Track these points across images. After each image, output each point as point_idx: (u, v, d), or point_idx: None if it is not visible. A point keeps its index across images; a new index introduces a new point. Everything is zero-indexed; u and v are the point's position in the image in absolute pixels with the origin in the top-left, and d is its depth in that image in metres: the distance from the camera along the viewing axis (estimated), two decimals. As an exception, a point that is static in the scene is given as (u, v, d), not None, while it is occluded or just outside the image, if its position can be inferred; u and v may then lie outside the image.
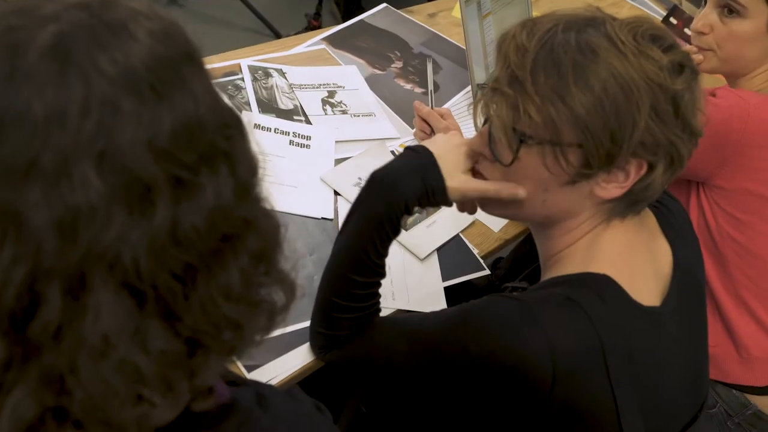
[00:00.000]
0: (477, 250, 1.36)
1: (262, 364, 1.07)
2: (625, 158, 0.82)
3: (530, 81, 0.82)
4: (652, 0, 2.49)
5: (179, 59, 0.47)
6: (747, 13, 1.36)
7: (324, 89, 1.62)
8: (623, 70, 0.80)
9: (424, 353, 0.95)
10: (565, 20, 0.85)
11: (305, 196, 1.35)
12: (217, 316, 0.48)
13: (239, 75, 1.58)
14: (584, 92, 0.80)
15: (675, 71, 0.82)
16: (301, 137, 1.46)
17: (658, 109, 0.80)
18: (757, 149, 1.30)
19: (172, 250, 0.44)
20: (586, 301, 0.84)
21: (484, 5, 1.71)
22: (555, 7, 2.37)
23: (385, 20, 1.97)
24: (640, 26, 0.84)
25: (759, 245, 1.37)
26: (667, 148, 0.83)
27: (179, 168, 0.44)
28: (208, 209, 0.46)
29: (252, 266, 0.50)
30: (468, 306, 0.91)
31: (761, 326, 1.40)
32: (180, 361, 0.47)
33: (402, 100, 1.68)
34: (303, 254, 1.25)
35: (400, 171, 0.97)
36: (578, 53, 0.81)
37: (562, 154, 0.83)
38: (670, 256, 0.96)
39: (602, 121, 0.80)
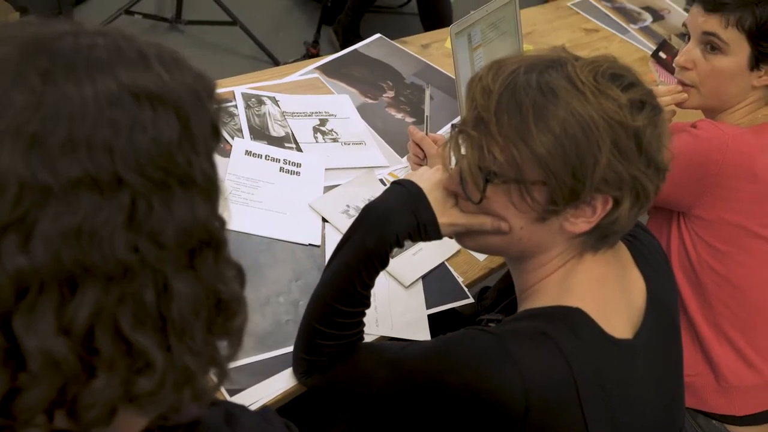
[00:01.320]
0: (462, 279, 1.38)
1: (244, 388, 1.08)
2: (590, 194, 0.84)
3: (494, 122, 0.84)
4: (642, 34, 2.54)
5: (133, 93, 0.49)
6: (729, 50, 1.38)
7: (316, 117, 1.65)
8: (582, 109, 0.82)
9: (402, 382, 0.96)
10: (528, 62, 0.87)
11: (293, 222, 1.37)
12: (44, 339, 0.46)
13: (233, 102, 1.61)
14: (544, 133, 0.82)
15: (635, 108, 0.84)
16: (291, 164, 1.49)
17: (620, 146, 0.82)
18: (735, 180, 1.32)
19: (12, 250, 0.45)
20: (560, 335, 0.86)
21: (475, 37, 1.74)
22: (545, 39, 2.43)
23: (378, 50, 2.00)
24: (601, 66, 0.86)
25: (738, 276, 1.39)
26: (631, 183, 0.85)
27: (51, 175, 0.45)
28: (68, 226, 0.46)
29: (133, 318, 0.48)
30: (445, 338, 0.93)
31: (740, 356, 1.41)
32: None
33: (393, 130, 1.71)
34: (289, 280, 1.27)
35: (392, 205, 0.99)
36: (539, 94, 0.83)
37: (527, 192, 0.86)
38: (643, 289, 0.98)
39: (563, 160, 0.82)
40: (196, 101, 0.53)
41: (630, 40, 2.48)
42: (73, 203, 0.46)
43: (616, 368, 0.89)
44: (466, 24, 1.70)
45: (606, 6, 2.67)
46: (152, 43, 0.54)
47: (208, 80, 0.56)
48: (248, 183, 1.41)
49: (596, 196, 0.85)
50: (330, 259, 1.04)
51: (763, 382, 1.42)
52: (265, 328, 1.17)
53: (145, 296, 0.48)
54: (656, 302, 0.98)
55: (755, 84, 1.40)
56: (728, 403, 1.42)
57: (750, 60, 1.38)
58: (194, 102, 0.52)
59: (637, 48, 2.45)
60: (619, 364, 0.90)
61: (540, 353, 0.85)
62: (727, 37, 1.38)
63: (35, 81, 0.46)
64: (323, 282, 1.04)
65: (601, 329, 0.89)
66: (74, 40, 0.50)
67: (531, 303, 0.95)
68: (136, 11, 3.31)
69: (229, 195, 1.36)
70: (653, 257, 1.03)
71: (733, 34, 1.37)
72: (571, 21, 2.52)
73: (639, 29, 2.57)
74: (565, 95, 0.83)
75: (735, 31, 1.36)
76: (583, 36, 2.44)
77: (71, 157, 0.46)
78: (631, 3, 2.76)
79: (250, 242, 1.31)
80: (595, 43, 2.41)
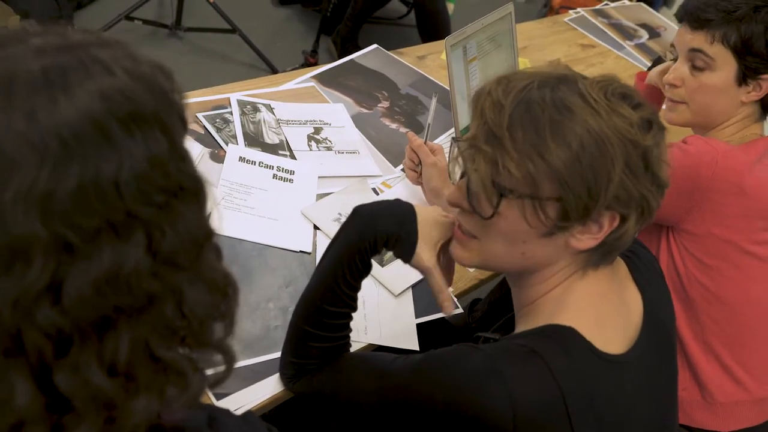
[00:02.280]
0: (452, 289, 1.38)
1: (231, 393, 1.09)
2: (600, 211, 0.85)
3: (508, 137, 0.84)
4: (638, 51, 2.56)
5: (119, 120, 0.46)
6: (715, 65, 1.40)
7: (310, 125, 1.66)
8: (597, 126, 0.83)
9: (389, 393, 0.96)
10: (540, 78, 0.87)
11: (285, 229, 1.38)
12: (90, 385, 0.46)
13: (228, 108, 1.62)
14: (562, 148, 0.82)
15: (644, 128, 0.85)
16: (284, 171, 1.50)
17: (630, 164, 0.84)
18: (724, 195, 1.33)
19: (45, 310, 0.43)
20: (549, 353, 0.86)
21: (470, 50, 1.76)
22: (541, 54, 2.44)
23: (375, 61, 2.02)
24: (610, 84, 0.87)
25: (726, 291, 1.39)
26: (639, 201, 0.86)
27: (72, 231, 0.43)
28: (97, 277, 0.44)
29: (160, 340, 0.49)
30: (436, 353, 0.93)
31: (727, 372, 1.42)
32: (41, 418, 0.46)
33: (386, 139, 1.72)
34: (279, 286, 1.27)
35: (381, 210, 1.02)
36: (554, 110, 0.84)
37: (540, 208, 0.85)
38: (640, 305, 0.98)
39: (580, 176, 0.82)
40: (165, 102, 0.51)
41: (625, 56, 2.50)
42: (94, 254, 0.44)
43: (607, 385, 0.89)
44: (461, 37, 1.71)
45: (602, 22, 2.69)
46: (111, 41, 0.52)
47: (166, 70, 0.54)
48: (241, 189, 1.42)
49: (604, 213, 0.85)
50: (320, 260, 1.06)
51: (749, 398, 1.43)
52: (254, 334, 1.18)
53: (167, 314, 0.49)
54: (652, 318, 0.98)
55: (744, 100, 1.41)
56: (714, 419, 1.42)
57: (737, 75, 1.39)
58: (163, 103, 0.51)
59: (633, 64, 2.46)
60: (610, 381, 0.89)
61: (528, 372, 0.85)
62: (713, 53, 1.39)
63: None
64: (311, 283, 1.05)
65: (592, 346, 0.89)
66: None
67: (528, 321, 0.95)
68: (136, 17, 3.33)
69: (221, 200, 1.37)
70: (650, 273, 1.04)
71: (719, 50, 1.38)
72: (568, 36, 2.54)
73: (635, 46, 2.59)
74: (580, 112, 0.83)
75: (720, 47, 1.38)
76: (579, 51, 2.46)
77: (85, 206, 0.44)
78: (627, 20, 2.78)
79: (242, 248, 1.32)
80: (590, 59, 2.42)
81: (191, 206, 0.50)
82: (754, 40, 1.35)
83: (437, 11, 3.65)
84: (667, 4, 5.02)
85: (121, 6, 3.30)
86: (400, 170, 1.64)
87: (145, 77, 0.50)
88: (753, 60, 1.37)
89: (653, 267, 1.07)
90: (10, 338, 0.43)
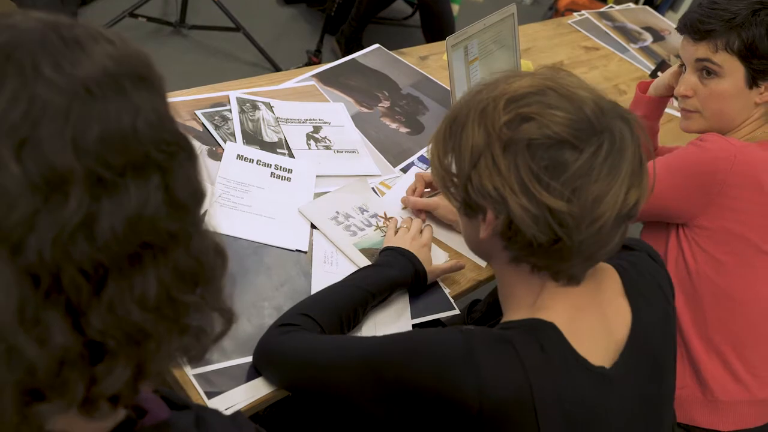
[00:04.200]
0: (449, 290, 1.37)
1: (223, 391, 1.08)
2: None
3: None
4: (642, 54, 2.54)
5: (128, 77, 0.50)
6: (723, 72, 1.41)
7: (310, 124, 1.66)
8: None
9: (365, 355, 0.96)
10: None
11: (282, 228, 1.37)
12: (126, 321, 0.48)
13: (227, 106, 1.61)
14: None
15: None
16: (282, 170, 1.49)
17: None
18: (741, 190, 1.33)
19: (82, 246, 0.45)
20: (524, 345, 0.87)
21: (472, 51, 1.75)
22: (545, 55, 2.43)
23: (376, 60, 2.01)
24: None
25: (737, 289, 1.39)
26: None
27: (103, 167, 0.46)
28: (129, 213, 0.47)
29: (177, 283, 0.51)
30: (420, 330, 0.97)
31: (729, 370, 1.41)
32: (78, 361, 0.47)
33: (386, 139, 1.71)
34: (275, 285, 1.26)
35: (398, 260, 1.29)
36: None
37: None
38: (628, 321, 0.97)
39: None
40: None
41: (629, 59, 2.49)
42: (123, 190, 0.47)
43: (582, 389, 0.88)
44: (463, 37, 1.71)
45: (607, 25, 2.68)
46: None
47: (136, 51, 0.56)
48: (238, 187, 1.42)
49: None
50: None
51: (750, 398, 1.42)
52: (248, 332, 1.17)
53: (180, 260, 0.51)
54: (639, 338, 0.96)
55: (758, 101, 1.43)
56: (714, 418, 1.41)
57: (747, 79, 1.41)
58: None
59: (636, 67, 2.45)
60: (586, 386, 0.89)
61: (500, 361, 0.86)
62: (720, 60, 1.41)
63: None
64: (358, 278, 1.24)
65: (572, 348, 0.89)
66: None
67: (512, 309, 0.97)
68: (141, 14, 3.33)
69: (218, 198, 1.36)
70: (650, 289, 1.02)
71: (724, 56, 1.40)
72: (571, 38, 2.53)
73: (639, 49, 2.58)
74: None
75: (726, 54, 1.40)
76: (583, 54, 2.45)
77: (110, 145, 0.47)
78: (632, 23, 2.77)
79: (238, 246, 1.31)
80: (594, 61, 2.41)
81: (190, 162, 0.53)
82: (758, 43, 1.37)
83: (442, 12, 3.64)
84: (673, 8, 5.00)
85: (125, 3, 3.30)
86: (400, 170, 1.63)
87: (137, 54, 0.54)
88: (759, 62, 1.38)
89: (655, 282, 1.04)
90: (51, 277, 0.45)
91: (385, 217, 1.46)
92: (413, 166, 1.65)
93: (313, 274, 1.30)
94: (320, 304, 1.16)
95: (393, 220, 1.45)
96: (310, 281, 1.29)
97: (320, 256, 1.34)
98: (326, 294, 1.19)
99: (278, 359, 1.09)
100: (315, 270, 1.31)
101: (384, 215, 1.47)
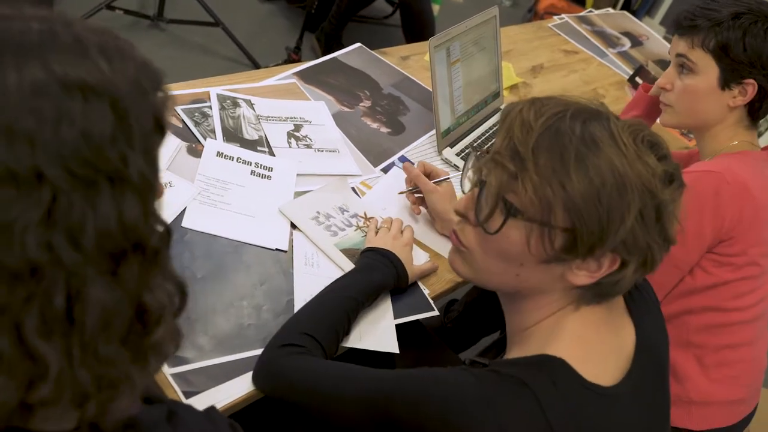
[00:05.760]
0: (428, 291, 1.37)
1: (201, 391, 1.07)
2: (604, 251, 0.84)
3: (531, 159, 0.83)
4: (620, 59, 2.57)
5: (69, 87, 0.49)
6: (698, 69, 1.45)
7: (290, 122, 1.65)
8: (621, 168, 0.82)
9: (375, 401, 0.94)
10: (574, 108, 0.87)
11: (262, 226, 1.36)
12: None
13: (207, 102, 1.60)
14: (583, 181, 0.82)
15: (665, 181, 0.85)
16: (263, 168, 1.48)
17: (644, 213, 0.83)
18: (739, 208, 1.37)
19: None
20: (539, 385, 0.85)
21: (454, 52, 1.75)
22: (525, 58, 2.44)
23: (358, 59, 2.01)
24: (641, 131, 0.86)
25: (723, 297, 1.42)
26: (643, 250, 0.85)
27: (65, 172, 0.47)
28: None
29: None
30: (431, 369, 0.92)
31: (705, 372, 1.43)
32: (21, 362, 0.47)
33: (367, 139, 1.71)
34: (254, 284, 1.25)
35: (381, 263, 1.29)
36: (581, 143, 0.83)
37: (548, 236, 0.85)
38: (633, 335, 0.97)
39: (596, 212, 0.82)
40: (137, 93, 0.51)
41: (608, 63, 2.51)
42: (91, 198, 0.45)
43: (597, 418, 0.88)
44: (445, 38, 1.71)
45: (586, 29, 2.70)
46: (97, 29, 0.52)
47: (154, 71, 0.54)
48: (218, 184, 1.40)
49: (607, 254, 0.85)
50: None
51: (723, 399, 1.45)
52: (226, 332, 1.16)
53: (54, 299, 0.46)
54: (645, 349, 0.97)
55: (731, 104, 1.45)
56: (687, 418, 1.44)
57: (720, 79, 1.43)
58: (135, 94, 0.50)
59: (615, 72, 2.48)
60: (600, 413, 0.88)
61: (518, 403, 0.84)
62: (695, 57, 1.45)
63: None
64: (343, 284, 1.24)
65: (582, 379, 0.87)
66: (5, 24, 0.48)
67: (520, 348, 0.94)
68: (118, 6, 3.28)
69: (197, 195, 1.35)
70: (644, 302, 1.03)
71: (700, 54, 1.44)
72: (551, 42, 2.55)
73: (617, 53, 2.60)
74: (607, 150, 0.83)
75: (701, 52, 1.43)
76: (562, 57, 2.46)
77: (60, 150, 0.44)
78: (611, 28, 2.79)
79: (217, 244, 1.30)
80: (573, 65, 2.43)
81: (127, 199, 0.50)
82: (733, 45, 1.40)
83: (422, 11, 3.65)
84: (650, 14, 5.06)
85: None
86: (380, 170, 1.63)
87: (125, 70, 0.52)
88: (732, 63, 1.41)
89: (648, 296, 1.06)
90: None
91: (365, 217, 1.46)
92: (394, 167, 1.65)
93: (295, 276, 1.29)
94: (316, 319, 1.15)
95: (373, 220, 1.45)
96: (290, 281, 1.28)
97: (301, 258, 1.33)
98: (319, 307, 1.18)
99: (285, 383, 1.06)
100: (297, 272, 1.30)
101: (364, 215, 1.46)
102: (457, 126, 1.81)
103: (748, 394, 1.50)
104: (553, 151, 0.83)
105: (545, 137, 0.84)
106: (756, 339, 1.49)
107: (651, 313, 1.03)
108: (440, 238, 1.49)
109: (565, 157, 0.82)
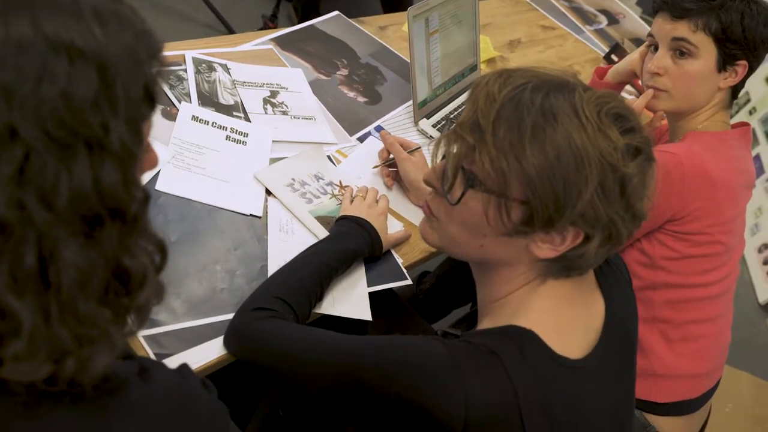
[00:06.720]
0: (402, 260, 1.38)
1: (173, 353, 1.07)
2: (564, 225, 0.85)
3: (491, 131, 0.83)
4: (596, 36, 2.58)
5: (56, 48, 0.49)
6: (698, 53, 1.44)
7: (267, 89, 1.63)
8: (579, 142, 0.82)
9: (344, 366, 0.94)
10: (538, 79, 0.86)
11: (236, 191, 1.35)
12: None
13: (183, 66, 1.58)
14: (538, 154, 0.82)
15: (629, 154, 0.84)
16: (238, 133, 1.47)
17: (604, 187, 0.83)
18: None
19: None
20: (507, 354, 0.86)
21: (432, 22, 1.74)
22: (503, 32, 2.43)
23: (336, 28, 1.99)
24: (608, 103, 0.85)
25: (688, 273, 1.45)
26: (606, 224, 0.85)
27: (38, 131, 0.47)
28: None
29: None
30: (402, 337, 0.93)
31: (670, 346, 1.46)
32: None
33: (344, 107, 1.70)
34: (228, 249, 1.25)
35: (356, 231, 1.30)
36: (540, 115, 0.83)
37: (505, 208, 0.85)
38: (602, 309, 0.98)
39: (550, 185, 0.82)
40: (130, 61, 0.50)
41: (584, 40, 2.52)
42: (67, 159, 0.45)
43: (564, 390, 0.89)
44: (424, 8, 1.70)
45: (564, 5, 2.71)
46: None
47: (154, 41, 0.53)
48: (193, 149, 1.39)
49: (569, 227, 0.85)
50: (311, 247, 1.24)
51: (687, 373, 1.48)
52: (200, 295, 1.16)
53: (25, 258, 0.47)
54: (613, 324, 0.98)
55: (721, 86, 1.46)
56: (650, 390, 1.46)
57: (717, 62, 1.44)
58: (127, 62, 0.50)
59: (591, 49, 2.48)
60: (567, 385, 0.89)
61: (485, 371, 0.85)
62: (696, 41, 1.43)
63: None
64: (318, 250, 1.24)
65: (551, 351, 0.89)
66: None
67: (491, 319, 0.95)
68: (90, -32, 3.21)
69: (172, 159, 1.34)
70: (615, 278, 1.04)
71: (701, 37, 1.43)
72: (529, 17, 2.55)
73: (594, 31, 2.61)
74: (567, 123, 0.82)
75: (703, 35, 1.42)
76: (540, 32, 2.47)
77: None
78: (588, 4, 2.80)
79: (191, 208, 1.29)
80: (550, 41, 2.44)
81: (105, 165, 0.50)
82: (733, 28, 1.40)
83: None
84: (628, -7, 5.06)
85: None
86: (356, 139, 1.62)
87: (120, 36, 0.51)
88: (732, 46, 1.42)
89: (620, 272, 1.07)
90: None
91: (340, 185, 1.46)
92: (370, 136, 1.64)
93: (269, 243, 1.29)
94: (289, 284, 1.15)
95: (348, 188, 1.45)
96: (264, 246, 1.28)
97: (275, 224, 1.33)
98: (292, 272, 1.18)
99: (256, 346, 1.06)
100: (271, 239, 1.30)
101: (339, 183, 1.46)
102: (434, 97, 1.81)
103: (712, 369, 1.54)
104: (511, 123, 0.83)
105: (506, 109, 0.84)
106: (720, 315, 1.52)
107: (622, 290, 1.04)
108: (414, 208, 1.50)
109: (522, 130, 0.82)
